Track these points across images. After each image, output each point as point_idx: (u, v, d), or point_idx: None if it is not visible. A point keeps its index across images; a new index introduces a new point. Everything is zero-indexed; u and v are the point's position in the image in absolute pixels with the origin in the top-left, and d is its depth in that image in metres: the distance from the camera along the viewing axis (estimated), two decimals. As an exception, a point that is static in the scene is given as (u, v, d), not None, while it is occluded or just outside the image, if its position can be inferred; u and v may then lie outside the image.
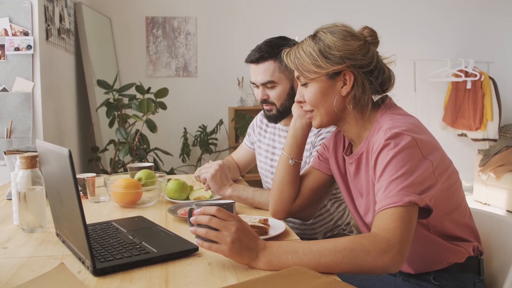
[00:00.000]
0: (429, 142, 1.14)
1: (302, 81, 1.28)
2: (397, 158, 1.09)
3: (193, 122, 4.91)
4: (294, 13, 5.05)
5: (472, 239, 1.28)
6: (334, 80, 1.24)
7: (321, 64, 1.22)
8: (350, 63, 1.22)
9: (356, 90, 1.24)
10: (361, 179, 1.30)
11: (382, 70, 1.27)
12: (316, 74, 1.24)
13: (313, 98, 1.26)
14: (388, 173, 1.09)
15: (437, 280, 1.26)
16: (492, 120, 5.15)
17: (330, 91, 1.25)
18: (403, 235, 1.01)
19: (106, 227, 1.31)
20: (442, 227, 1.23)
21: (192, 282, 0.95)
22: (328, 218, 1.76)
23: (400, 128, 1.13)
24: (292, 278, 0.88)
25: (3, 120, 2.91)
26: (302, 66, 1.25)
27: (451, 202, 1.23)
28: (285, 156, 1.44)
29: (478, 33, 5.46)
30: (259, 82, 1.73)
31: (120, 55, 4.82)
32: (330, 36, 1.23)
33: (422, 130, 1.17)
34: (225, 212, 1.04)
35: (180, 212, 1.47)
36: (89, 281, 0.96)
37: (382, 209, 1.06)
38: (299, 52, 1.27)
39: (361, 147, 1.27)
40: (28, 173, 1.28)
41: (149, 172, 1.72)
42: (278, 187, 1.44)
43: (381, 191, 1.09)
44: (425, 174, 1.09)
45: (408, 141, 1.10)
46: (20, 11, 2.94)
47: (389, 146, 1.11)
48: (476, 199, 4.94)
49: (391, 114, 1.23)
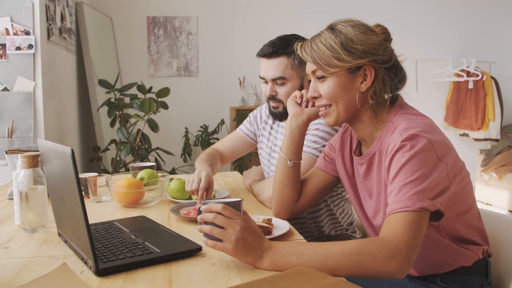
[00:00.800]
0: (443, 143, 1.12)
1: (319, 74, 1.22)
2: (412, 162, 1.06)
3: (194, 122, 4.90)
4: (295, 13, 5.04)
5: (482, 242, 1.27)
6: (355, 75, 1.19)
7: (344, 57, 1.16)
8: (373, 58, 1.17)
9: (376, 85, 1.20)
10: (371, 180, 1.27)
11: (400, 67, 1.24)
12: (338, 68, 1.17)
13: (332, 92, 1.20)
14: (402, 176, 1.07)
15: (444, 282, 1.25)
16: (494, 120, 5.14)
17: (350, 86, 1.20)
18: (411, 242, 0.99)
19: (108, 227, 1.30)
20: (453, 229, 1.21)
21: (196, 283, 0.94)
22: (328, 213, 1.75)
23: (416, 130, 1.10)
24: (297, 279, 0.87)
25: (4, 119, 2.91)
26: (321, 59, 1.19)
27: (463, 205, 1.21)
28: (283, 158, 1.41)
29: (480, 32, 5.45)
30: (269, 78, 1.69)
31: (121, 54, 4.82)
32: (352, 30, 1.18)
33: (436, 131, 1.15)
34: (231, 210, 1.03)
35: (182, 211, 1.47)
36: (92, 281, 0.95)
37: (393, 212, 1.04)
38: (317, 44, 1.20)
39: (373, 148, 1.24)
40: (29, 172, 1.27)
41: (151, 172, 1.71)
42: (278, 188, 1.43)
43: (393, 194, 1.07)
44: (440, 177, 1.07)
45: (424, 144, 1.07)
46: (21, 10, 2.93)
47: (405, 148, 1.08)
48: (478, 199, 4.93)
49: (406, 114, 1.19)
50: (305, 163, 1.55)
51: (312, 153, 1.60)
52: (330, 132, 1.61)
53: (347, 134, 1.41)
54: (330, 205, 1.73)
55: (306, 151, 1.59)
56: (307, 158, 1.58)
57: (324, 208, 1.73)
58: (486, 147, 5.25)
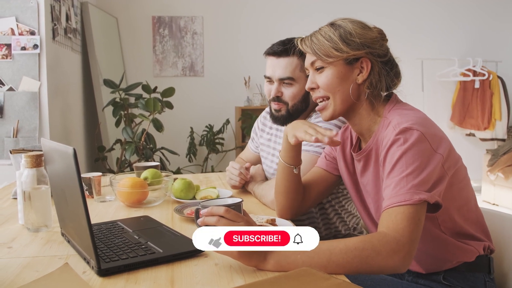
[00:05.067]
0: (437, 135, 1.14)
1: (318, 65, 1.26)
2: (407, 155, 1.08)
3: (199, 122, 4.90)
4: (300, 13, 5.03)
5: (483, 237, 1.27)
6: (352, 66, 1.24)
7: (342, 48, 1.22)
8: (369, 50, 1.23)
9: (372, 78, 1.24)
10: (368, 176, 1.29)
11: (395, 63, 1.29)
12: (335, 57, 1.22)
13: (330, 82, 1.25)
14: (398, 170, 1.08)
15: (447, 280, 1.25)
16: (501, 119, 5.11)
17: (347, 77, 1.24)
18: (412, 235, 1.01)
19: (111, 226, 1.29)
20: (452, 224, 1.22)
21: (199, 283, 0.93)
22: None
23: (409, 123, 1.12)
24: (300, 280, 0.86)
25: (9, 119, 2.92)
26: (321, 50, 1.24)
27: (460, 198, 1.22)
28: (286, 166, 1.39)
29: (486, 32, 5.41)
30: (276, 77, 1.64)
31: (126, 54, 4.82)
32: (350, 24, 1.24)
33: (429, 123, 1.17)
34: (234, 212, 1.02)
35: (186, 211, 1.46)
36: (94, 281, 0.95)
37: (391, 206, 1.05)
38: (316, 37, 1.26)
39: (370, 143, 1.26)
40: (33, 172, 1.27)
41: (155, 172, 1.71)
42: (283, 194, 1.42)
43: (390, 188, 1.08)
44: (436, 169, 1.08)
45: (417, 136, 1.10)
46: (26, 10, 2.94)
47: (399, 142, 1.11)
48: (484, 199, 4.89)
49: (399, 110, 1.23)
50: (309, 162, 1.54)
51: (315, 151, 1.58)
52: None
53: (347, 132, 1.42)
54: (335, 206, 1.72)
55: (310, 150, 1.59)
56: (311, 156, 1.57)
57: (330, 209, 1.72)
58: (493, 147, 5.21)
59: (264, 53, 1.70)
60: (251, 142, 2.07)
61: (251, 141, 2.07)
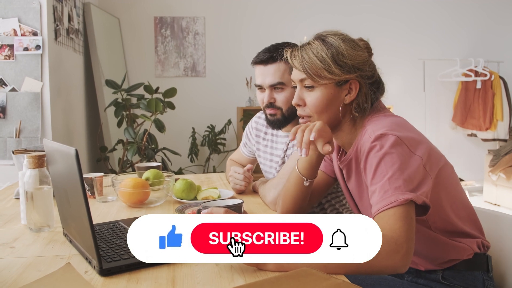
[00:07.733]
0: (413, 139, 1.15)
1: (308, 84, 1.24)
2: (385, 160, 1.10)
3: (201, 122, 4.91)
4: (302, 13, 5.03)
5: (476, 233, 1.28)
6: (341, 88, 1.24)
7: (334, 71, 1.21)
8: (360, 73, 1.23)
9: (360, 98, 1.25)
10: (352, 183, 1.32)
11: (382, 82, 1.30)
12: (328, 80, 1.22)
13: (319, 104, 1.24)
14: (379, 175, 1.10)
15: (446, 280, 1.26)
16: (503, 120, 5.10)
17: (336, 98, 1.25)
18: (408, 234, 1.02)
19: (113, 227, 1.30)
20: (443, 223, 1.23)
21: (199, 283, 0.94)
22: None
23: (384, 129, 1.14)
24: (300, 280, 0.87)
25: (12, 119, 2.93)
26: (312, 70, 1.22)
27: (448, 196, 1.22)
28: (300, 176, 1.38)
29: (488, 32, 5.41)
30: (267, 84, 1.67)
31: (128, 55, 4.83)
32: (342, 44, 1.22)
33: (405, 127, 1.18)
34: (234, 214, 1.03)
35: (187, 212, 1.47)
36: (96, 281, 0.95)
37: (381, 211, 1.06)
38: (308, 54, 1.23)
39: (350, 152, 1.28)
40: (35, 172, 1.28)
41: (156, 172, 1.72)
42: (291, 201, 1.42)
43: (375, 194, 1.09)
44: (417, 170, 1.09)
45: (393, 141, 1.11)
46: (29, 11, 2.95)
47: (376, 149, 1.12)
48: (486, 200, 4.89)
49: (376, 117, 1.24)
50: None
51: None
52: None
53: None
54: (335, 205, 1.73)
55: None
56: None
57: (329, 208, 1.73)
58: (494, 147, 5.21)
59: (251, 63, 1.72)
60: (243, 146, 2.07)
61: (243, 146, 2.07)
